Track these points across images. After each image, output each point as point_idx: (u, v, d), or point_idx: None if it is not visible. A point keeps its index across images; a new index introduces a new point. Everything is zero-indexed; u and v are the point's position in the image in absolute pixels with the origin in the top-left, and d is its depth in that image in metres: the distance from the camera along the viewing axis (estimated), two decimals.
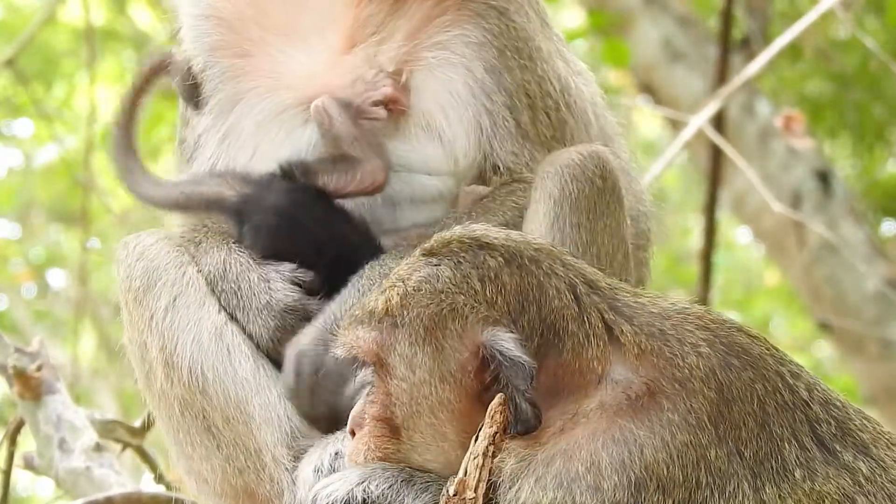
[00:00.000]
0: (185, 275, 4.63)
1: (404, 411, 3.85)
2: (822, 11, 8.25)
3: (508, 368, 3.75)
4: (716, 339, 3.84)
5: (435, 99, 4.70)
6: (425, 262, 3.89)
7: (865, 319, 11.31)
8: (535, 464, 3.73)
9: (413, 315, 3.83)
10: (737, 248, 18.37)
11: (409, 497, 3.86)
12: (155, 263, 4.67)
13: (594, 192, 4.50)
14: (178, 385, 4.57)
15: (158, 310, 4.62)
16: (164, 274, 4.65)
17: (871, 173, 13.01)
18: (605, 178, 4.52)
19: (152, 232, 4.81)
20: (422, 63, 4.72)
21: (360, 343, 3.87)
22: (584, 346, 3.81)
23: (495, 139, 4.69)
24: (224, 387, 4.54)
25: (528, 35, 4.78)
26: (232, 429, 4.53)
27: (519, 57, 4.75)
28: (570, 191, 4.48)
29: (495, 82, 4.70)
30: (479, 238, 3.91)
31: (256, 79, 4.77)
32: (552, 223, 4.46)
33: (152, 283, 4.65)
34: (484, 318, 3.81)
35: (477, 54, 4.71)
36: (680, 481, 3.66)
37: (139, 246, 4.73)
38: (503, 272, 3.85)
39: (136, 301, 4.66)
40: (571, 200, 4.47)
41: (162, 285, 4.63)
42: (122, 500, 5.52)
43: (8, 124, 16.40)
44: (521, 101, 4.72)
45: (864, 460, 3.80)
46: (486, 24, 4.74)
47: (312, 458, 4.37)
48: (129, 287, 4.68)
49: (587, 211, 4.48)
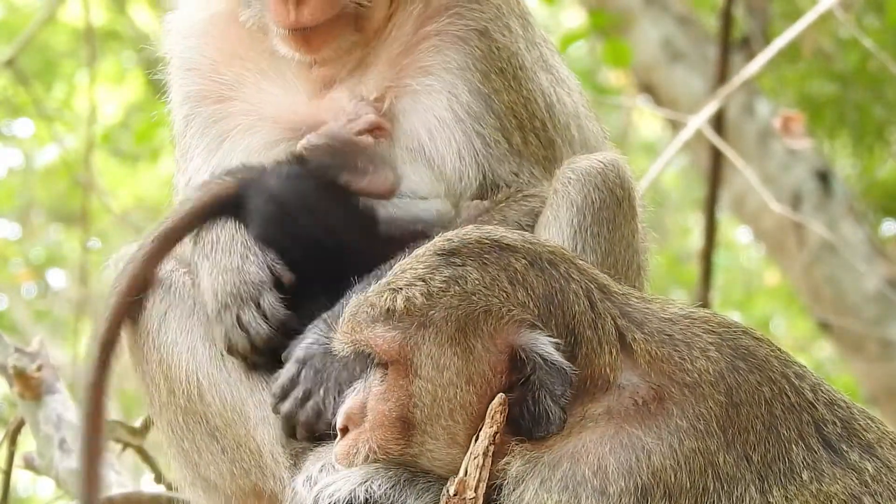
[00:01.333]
0: (171, 286, 4.65)
1: (424, 413, 3.83)
2: (822, 11, 8.24)
3: (546, 372, 3.74)
4: (723, 342, 3.85)
5: (420, 124, 4.69)
6: (446, 261, 3.87)
7: (865, 319, 11.31)
8: (540, 466, 3.72)
9: (442, 315, 3.81)
10: (737, 248, 18.37)
11: (411, 497, 3.86)
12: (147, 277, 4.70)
13: (614, 201, 4.49)
14: (180, 395, 4.60)
15: (153, 326, 4.64)
16: (153, 289, 4.67)
17: (871, 173, 13.00)
18: (624, 188, 4.52)
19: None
20: (405, 89, 4.72)
21: (380, 342, 3.84)
22: (598, 353, 3.80)
23: (492, 159, 4.68)
24: (220, 391, 4.56)
25: (512, 52, 4.76)
26: (233, 431, 4.54)
27: (503, 78, 4.73)
28: (592, 199, 4.47)
29: (483, 106, 4.69)
30: (499, 239, 3.90)
31: (238, 118, 4.81)
32: (575, 231, 4.46)
33: (145, 297, 4.66)
34: (520, 321, 3.80)
35: (461, 79, 4.70)
36: (687, 488, 3.66)
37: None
38: (529, 274, 3.84)
39: (131, 320, 4.67)
40: (594, 210, 4.47)
41: (152, 301, 4.65)
42: (122, 500, 5.51)
43: (8, 124, 16.40)
44: (511, 123, 4.71)
45: (869, 460, 3.80)
46: (467, 47, 4.72)
47: (306, 470, 4.37)
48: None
49: (607, 221, 4.48)
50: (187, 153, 4.86)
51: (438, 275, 3.84)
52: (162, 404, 4.66)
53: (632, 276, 4.54)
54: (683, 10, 12.07)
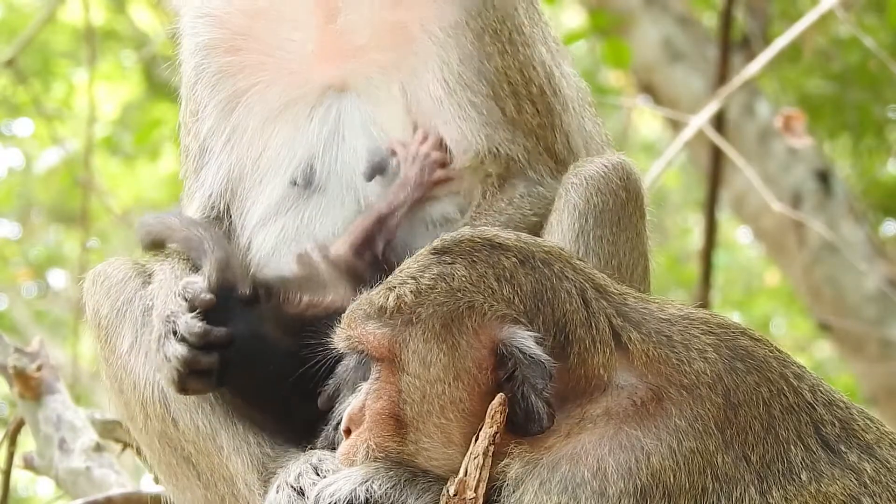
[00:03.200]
0: (145, 310, 4.59)
1: (415, 409, 3.84)
2: (822, 11, 8.24)
3: (526, 367, 3.74)
4: (721, 343, 3.84)
5: (420, 109, 4.66)
6: (437, 259, 3.88)
7: (865, 319, 11.31)
8: (539, 468, 3.72)
9: (428, 312, 3.82)
10: (737, 248, 18.37)
11: (411, 497, 3.86)
12: (120, 300, 4.64)
13: (618, 204, 4.47)
14: (155, 420, 4.56)
15: (125, 348, 4.60)
16: (127, 311, 4.62)
17: (871, 173, 13.01)
18: (629, 190, 4.49)
19: (120, 262, 4.76)
20: (405, 62, 4.65)
21: (370, 338, 3.86)
22: (591, 352, 3.80)
23: (487, 128, 4.61)
24: (193, 419, 4.53)
25: (508, 14, 4.68)
26: (207, 459, 4.52)
27: (497, 41, 4.65)
28: (594, 203, 4.45)
29: (475, 72, 4.62)
30: (492, 238, 3.91)
31: (255, 73, 4.72)
32: (577, 235, 4.44)
33: (118, 321, 4.62)
34: (502, 317, 3.80)
35: (453, 39, 4.62)
36: (686, 488, 3.66)
37: (106, 281, 4.69)
38: (518, 272, 3.85)
39: (106, 340, 4.64)
40: (596, 213, 4.45)
41: (126, 324, 4.61)
42: (122, 500, 5.51)
43: (8, 124, 16.40)
44: (504, 90, 4.65)
45: (868, 460, 3.80)
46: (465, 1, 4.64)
47: (276, 479, 4.36)
48: (97, 325, 4.66)
49: (611, 224, 4.46)
50: (199, 111, 4.76)
51: (428, 272, 3.85)
52: (138, 428, 4.63)
53: (637, 279, 4.52)
54: (683, 10, 12.07)
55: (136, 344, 4.58)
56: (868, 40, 9.32)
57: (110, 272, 4.71)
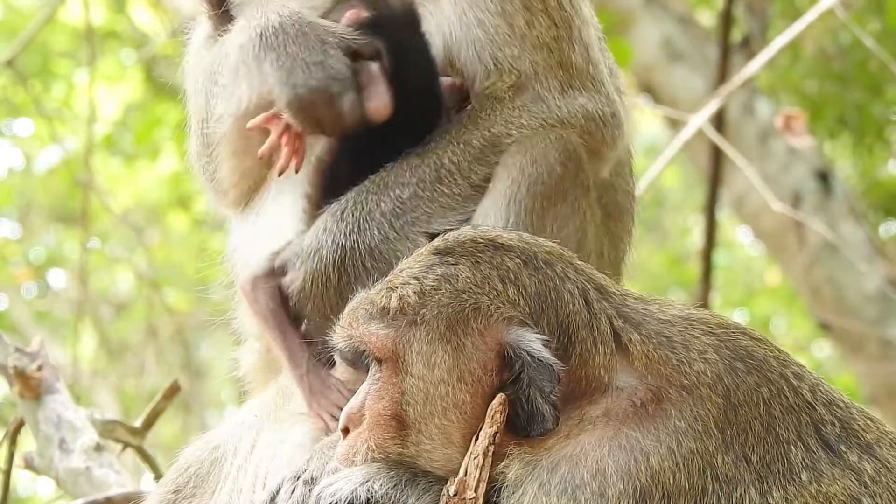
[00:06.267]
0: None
1: (417, 411, 3.83)
2: (822, 11, 8.25)
3: (534, 369, 3.74)
4: (721, 343, 3.85)
5: (439, 36, 4.60)
6: (440, 260, 3.88)
7: (865, 319, 11.31)
8: (539, 469, 3.72)
9: (433, 313, 3.82)
10: (737, 248, 18.37)
11: (412, 497, 3.85)
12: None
13: (553, 178, 4.44)
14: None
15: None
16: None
17: (871, 173, 13.01)
18: (567, 166, 4.46)
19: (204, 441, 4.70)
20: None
21: (373, 339, 3.85)
22: (592, 354, 3.80)
23: (493, 46, 4.56)
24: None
25: None
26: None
27: None
28: (528, 173, 4.44)
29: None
30: (494, 239, 3.91)
31: None
32: (508, 202, 4.42)
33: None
34: (508, 318, 3.80)
35: None
36: (686, 489, 3.66)
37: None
38: (522, 273, 3.85)
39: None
40: (529, 183, 4.43)
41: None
42: (122, 500, 5.51)
43: (8, 124, 16.40)
44: (515, 3, 4.58)
45: (868, 460, 3.80)
46: None
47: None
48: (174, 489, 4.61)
49: (541, 196, 4.43)
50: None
51: (431, 273, 3.85)
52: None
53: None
54: (683, 10, 12.08)
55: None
56: (868, 41, 9.32)
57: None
